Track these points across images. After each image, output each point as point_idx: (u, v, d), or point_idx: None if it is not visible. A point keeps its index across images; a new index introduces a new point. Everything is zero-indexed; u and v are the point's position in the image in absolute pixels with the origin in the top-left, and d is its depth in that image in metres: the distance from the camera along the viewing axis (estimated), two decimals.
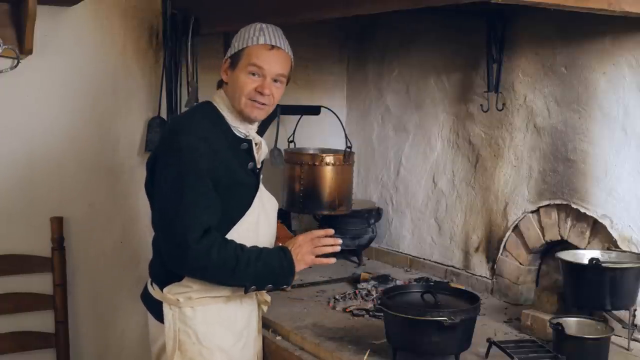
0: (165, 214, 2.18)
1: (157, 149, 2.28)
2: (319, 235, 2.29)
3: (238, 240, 2.20)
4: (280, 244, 2.30)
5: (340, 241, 2.31)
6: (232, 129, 2.28)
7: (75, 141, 3.21)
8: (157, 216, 2.24)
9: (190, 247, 2.10)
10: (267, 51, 2.22)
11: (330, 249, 2.28)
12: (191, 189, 2.14)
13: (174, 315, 2.26)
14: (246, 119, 2.29)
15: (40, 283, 3.15)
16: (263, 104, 2.25)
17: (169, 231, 2.16)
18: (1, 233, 3.08)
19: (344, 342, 2.46)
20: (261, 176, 2.40)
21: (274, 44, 2.23)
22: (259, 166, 2.36)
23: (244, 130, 2.30)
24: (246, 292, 2.24)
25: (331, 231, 2.32)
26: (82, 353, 3.31)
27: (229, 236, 2.21)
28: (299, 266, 2.23)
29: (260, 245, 2.26)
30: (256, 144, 2.34)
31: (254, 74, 2.22)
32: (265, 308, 2.46)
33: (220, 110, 2.28)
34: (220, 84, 2.34)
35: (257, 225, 2.29)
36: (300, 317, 2.74)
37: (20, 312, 3.11)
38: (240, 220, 2.25)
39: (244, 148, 2.30)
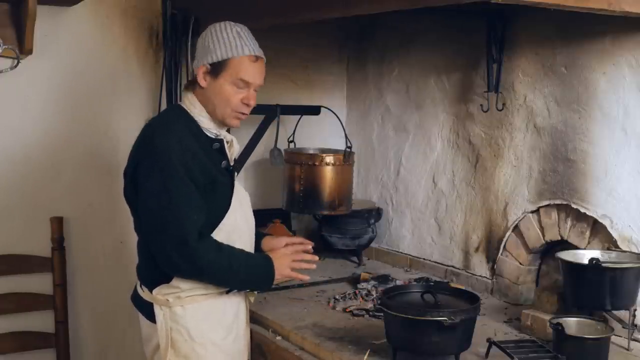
0: (155, 218, 2.19)
1: (135, 155, 2.28)
2: (298, 250, 2.42)
3: (221, 237, 2.26)
4: (266, 252, 2.41)
5: (317, 259, 2.45)
6: (204, 130, 2.30)
7: (75, 141, 3.22)
8: (145, 221, 2.25)
9: (192, 247, 2.16)
10: (253, 64, 2.25)
11: (306, 265, 2.42)
12: (177, 189, 2.17)
13: (165, 315, 2.28)
14: (224, 125, 2.33)
15: (40, 283, 3.15)
16: (244, 114, 2.30)
17: (164, 235, 2.17)
18: (1, 233, 3.08)
19: (344, 342, 2.46)
20: (236, 174, 2.43)
21: (257, 54, 2.26)
22: (232, 164, 2.38)
23: (215, 131, 2.33)
24: (228, 292, 2.35)
25: (310, 246, 2.46)
26: (82, 353, 3.31)
27: (213, 235, 2.26)
28: (276, 277, 2.35)
29: (242, 239, 2.35)
30: (227, 142, 2.36)
31: (238, 87, 2.25)
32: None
33: (191, 113, 2.29)
34: (188, 86, 2.35)
35: (235, 222, 2.33)
36: (300, 317, 2.74)
37: (20, 312, 3.11)
38: (222, 221, 2.29)
39: (216, 148, 2.32)
